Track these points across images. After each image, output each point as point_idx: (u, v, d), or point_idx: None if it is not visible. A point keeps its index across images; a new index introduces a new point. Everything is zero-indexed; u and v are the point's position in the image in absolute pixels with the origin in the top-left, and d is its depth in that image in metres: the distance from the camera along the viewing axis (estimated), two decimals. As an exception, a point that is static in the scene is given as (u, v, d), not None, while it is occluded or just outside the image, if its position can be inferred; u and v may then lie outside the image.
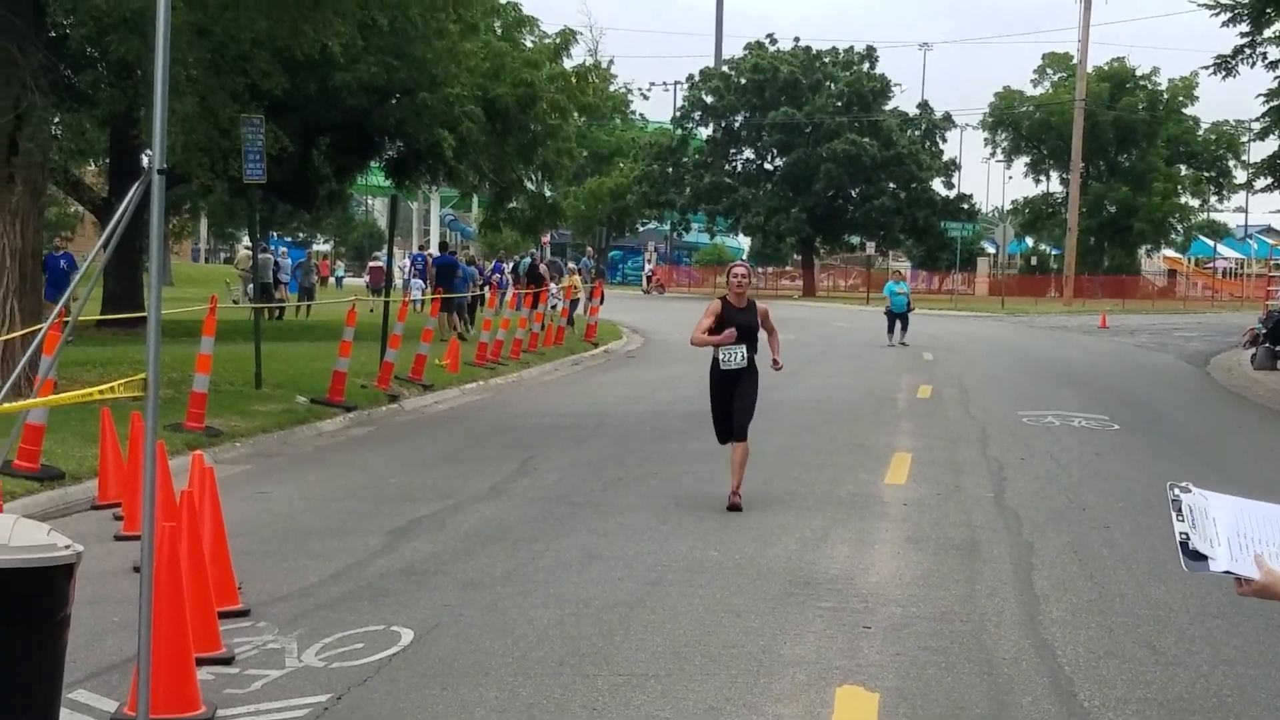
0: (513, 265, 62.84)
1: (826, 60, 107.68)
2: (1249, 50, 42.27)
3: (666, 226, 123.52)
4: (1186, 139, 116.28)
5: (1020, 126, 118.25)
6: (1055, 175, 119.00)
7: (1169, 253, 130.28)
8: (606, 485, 18.89)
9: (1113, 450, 23.60)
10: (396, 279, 53.77)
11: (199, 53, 26.83)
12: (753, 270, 76.03)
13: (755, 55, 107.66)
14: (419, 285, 52.31)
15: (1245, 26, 41.43)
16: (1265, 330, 42.84)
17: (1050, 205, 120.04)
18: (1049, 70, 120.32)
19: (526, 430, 24.82)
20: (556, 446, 22.57)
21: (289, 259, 65.40)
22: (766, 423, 21.46)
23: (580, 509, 17.11)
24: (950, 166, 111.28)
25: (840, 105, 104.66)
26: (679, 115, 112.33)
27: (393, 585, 13.01)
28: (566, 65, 52.12)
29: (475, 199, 75.10)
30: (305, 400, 25.52)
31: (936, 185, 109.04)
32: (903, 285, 51.02)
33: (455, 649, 10.94)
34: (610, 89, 64.54)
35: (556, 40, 52.52)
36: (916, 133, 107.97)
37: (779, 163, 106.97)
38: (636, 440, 23.28)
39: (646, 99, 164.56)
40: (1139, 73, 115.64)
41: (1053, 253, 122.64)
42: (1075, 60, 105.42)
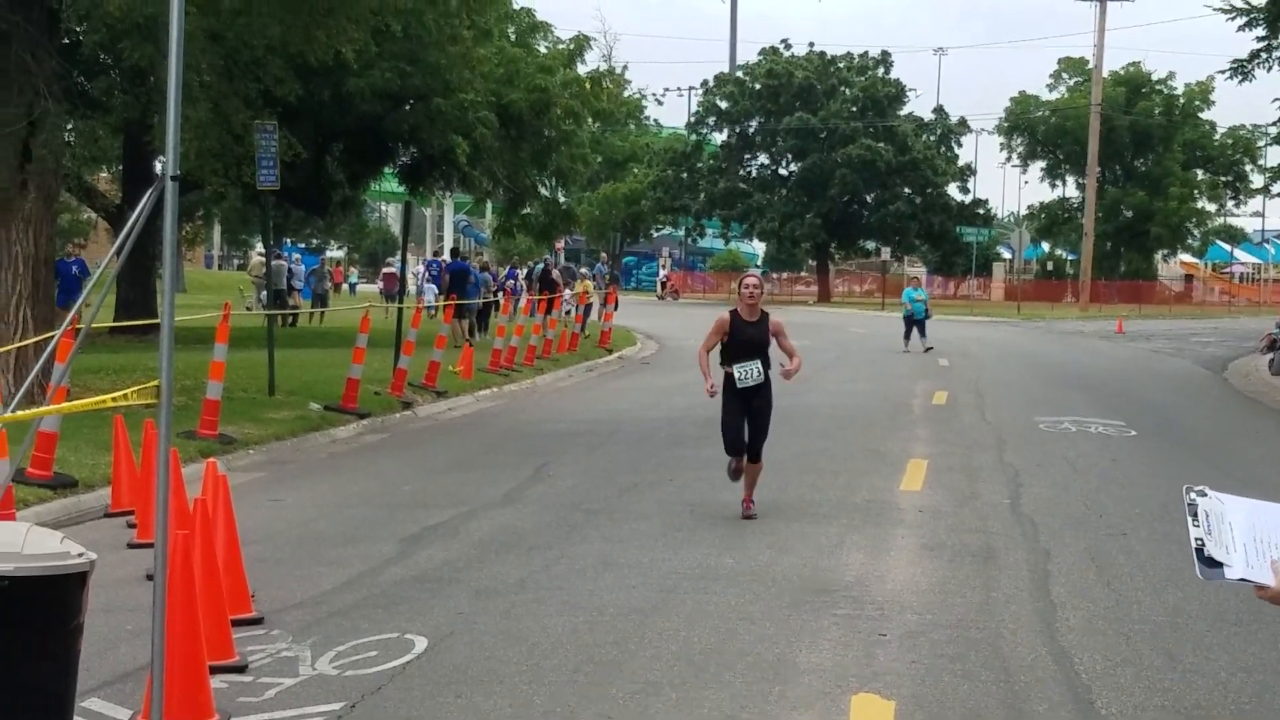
0: (526, 271, 62.89)
1: (841, 65, 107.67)
2: (1265, 54, 42.23)
3: (681, 232, 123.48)
4: (1203, 143, 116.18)
5: (1036, 131, 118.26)
6: (1071, 180, 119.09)
7: (1186, 258, 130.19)
8: (621, 492, 18.89)
9: (1129, 456, 23.57)
10: (410, 285, 53.76)
11: (212, 59, 26.86)
12: (767, 277, 76.00)
13: (770, 60, 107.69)
14: (432, 290, 52.32)
15: (1262, 30, 41.42)
16: (1283, 335, 42.80)
17: (1066, 210, 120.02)
18: (1065, 75, 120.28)
19: (540, 437, 24.82)
20: (571, 453, 22.57)
21: (302, 265, 65.52)
22: (781, 429, 21.43)
23: (595, 516, 17.11)
24: (966, 171, 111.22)
25: (855, 110, 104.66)
26: (693, 121, 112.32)
27: (406, 593, 13.01)
28: (580, 71, 52.12)
29: (489, 205, 75.06)
30: (319, 407, 25.53)
31: (952, 190, 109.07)
32: (921, 292, 51.00)
33: (469, 657, 10.94)
34: (624, 94, 64.47)
35: (570, 46, 52.53)
36: (932, 138, 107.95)
37: (794, 168, 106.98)
38: (651, 447, 23.27)
39: (661, 104, 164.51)
40: (1155, 77, 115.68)
41: (1069, 258, 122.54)
42: (1091, 65, 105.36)
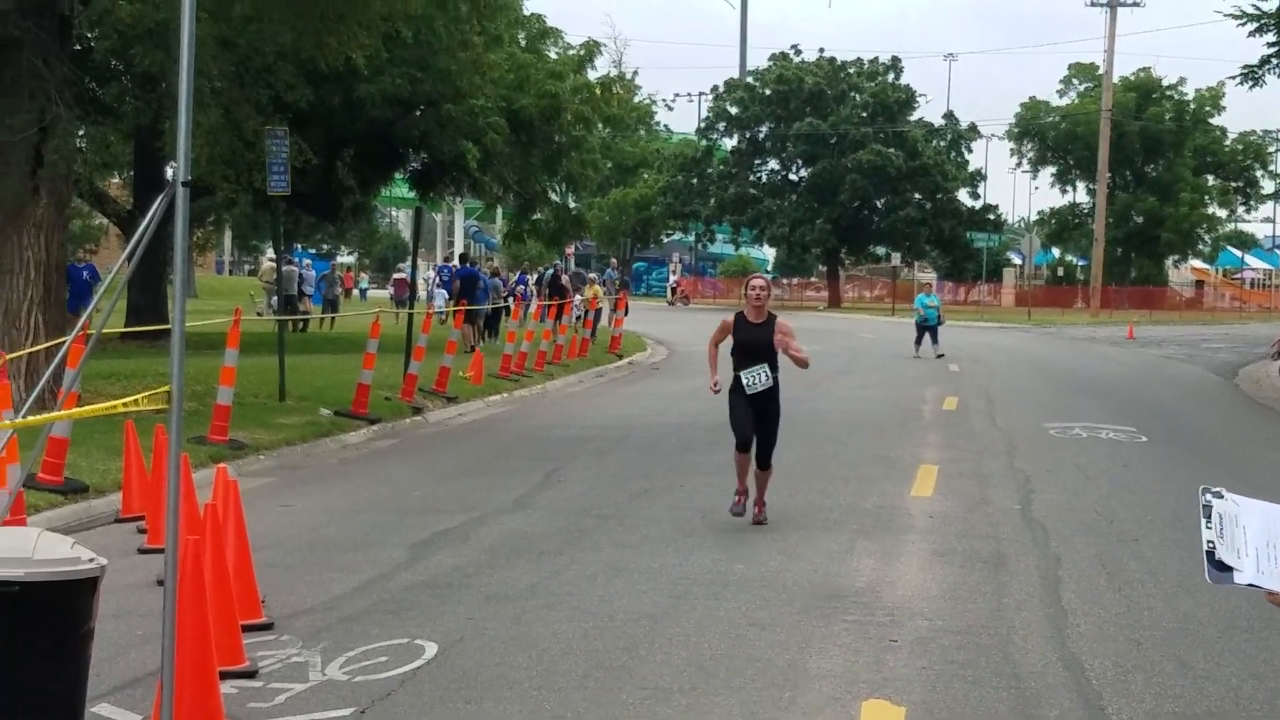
0: (537, 277, 62.93)
1: (851, 71, 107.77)
2: (1276, 60, 42.22)
3: (691, 238, 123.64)
4: (1213, 149, 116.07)
5: (1046, 137, 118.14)
6: (1081, 185, 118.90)
7: (1196, 263, 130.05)
8: (631, 498, 18.89)
9: (1140, 462, 23.56)
10: (421, 291, 53.79)
11: (223, 65, 26.90)
12: (775, 282, 75.82)
13: (780, 66, 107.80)
14: (443, 295, 52.35)
15: (1272, 36, 41.44)
16: (1294, 341, 42.81)
17: (1076, 216, 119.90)
18: (1075, 80, 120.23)
19: (551, 442, 24.83)
20: (581, 459, 22.57)
21: (313, 271, 65.66)
22: (792, 434, 21.44)
23: (605, 521, 17.11)
24: (976, 177, 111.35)
25: (865, 116, 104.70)
26: (703, 126, 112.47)
27: (416, 598, 13.01)
28: (591, 76, 52.16)
29: (499, 210, 75.10)
30: (329, 413, 25.55)
31: (962, 196, 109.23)
32: (934, 298, 50.99)
33: (479, 662, 10.94)
34: (634, 100, 64.52)
35: (581, 52, 52.57)
36: (942, 143, 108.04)
37: (804, 174, 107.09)
38: (661, 452, 23.27)
39: (671, 110, 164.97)
40: (1165, 83, 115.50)
41: (1079, 263, 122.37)
42: (1101, 70, 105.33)
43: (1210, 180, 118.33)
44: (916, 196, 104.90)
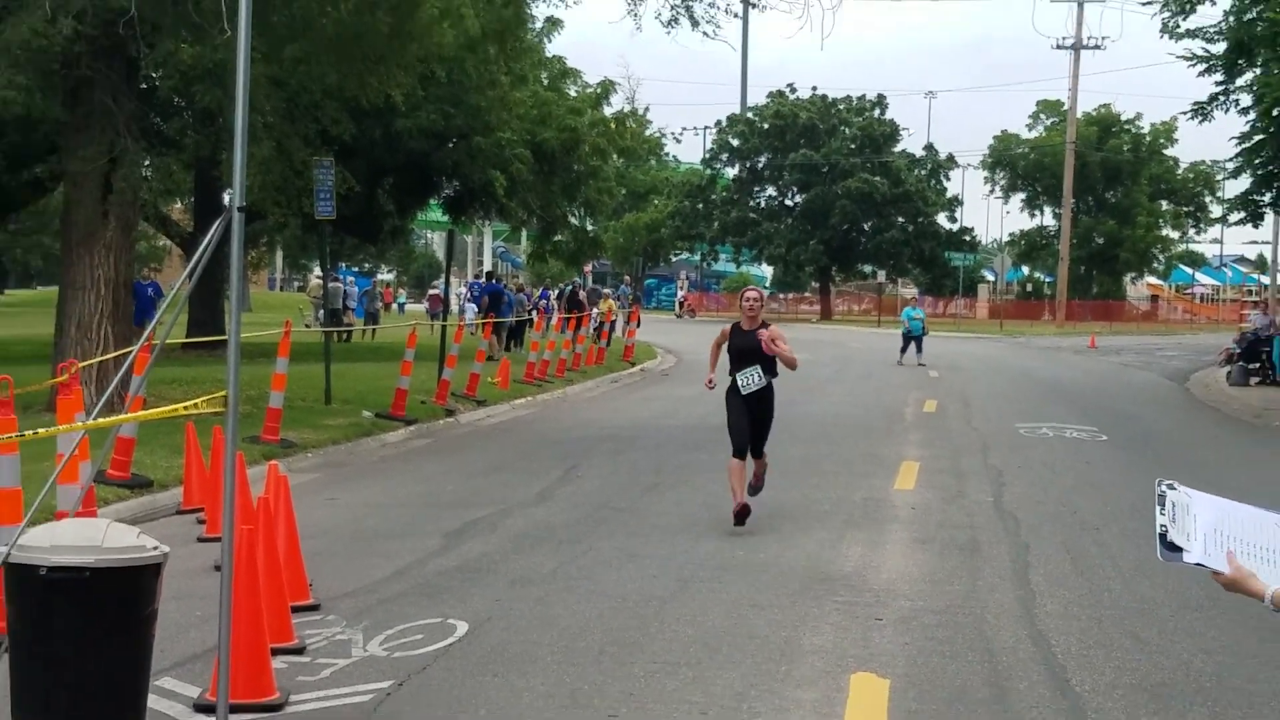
0: (558, 292, 62.93)
1: (841, 107, 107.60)
2: (1223, 97, 42.15)
3: (697, 257, 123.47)
4: (1167, 177, 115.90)
5: (1016, 166, 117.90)
6: (1048, 210, 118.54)
7: (1152, 280, 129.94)
8: (643, 492, 18.87)
9: (1102, 459, 23.53)
10: (453, 305, 53.81)
11: (275, 102, 26.96)
12: (772, 297, 75.63)
13: (777, 103, 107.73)
14: (473, 309, 52.33)
15: (1220, 76, 41.36)
16: (1239, 350, 42.81)
17: (1044, 237, 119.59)
18: (1042, 115, 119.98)
19: (570, 442, 24.79)
20: (597, 456, 22.55)
21: (356, 287, 65.54)
22: (788, 435, 21.43)
23: (619, 513, 17.09)
24: (953, 202, 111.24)
25: (854, 147, 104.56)
26: (708, 157, 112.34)
27: (449, 582, 13.00)
28: (606, 112, 52.18)
29: (524, 232, 75.10)
30: (370, 415, 25.52)
31: (941, 219, 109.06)
32: (919, 311, 50.97)
33: (505, 639, 10.93)
34: (646, 133, 64.47)
35: (597, 90, 52.61)
36: (923, 172, 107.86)
37: (798, 199, 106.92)
38: (670, 451, 23.24)
39: (679, 142, 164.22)
40: (1124, 118, 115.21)
41: (1046, 280, 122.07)
42: (1066, 106, 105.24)
43: (1164, 205, 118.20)
44: (900, 220, 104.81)
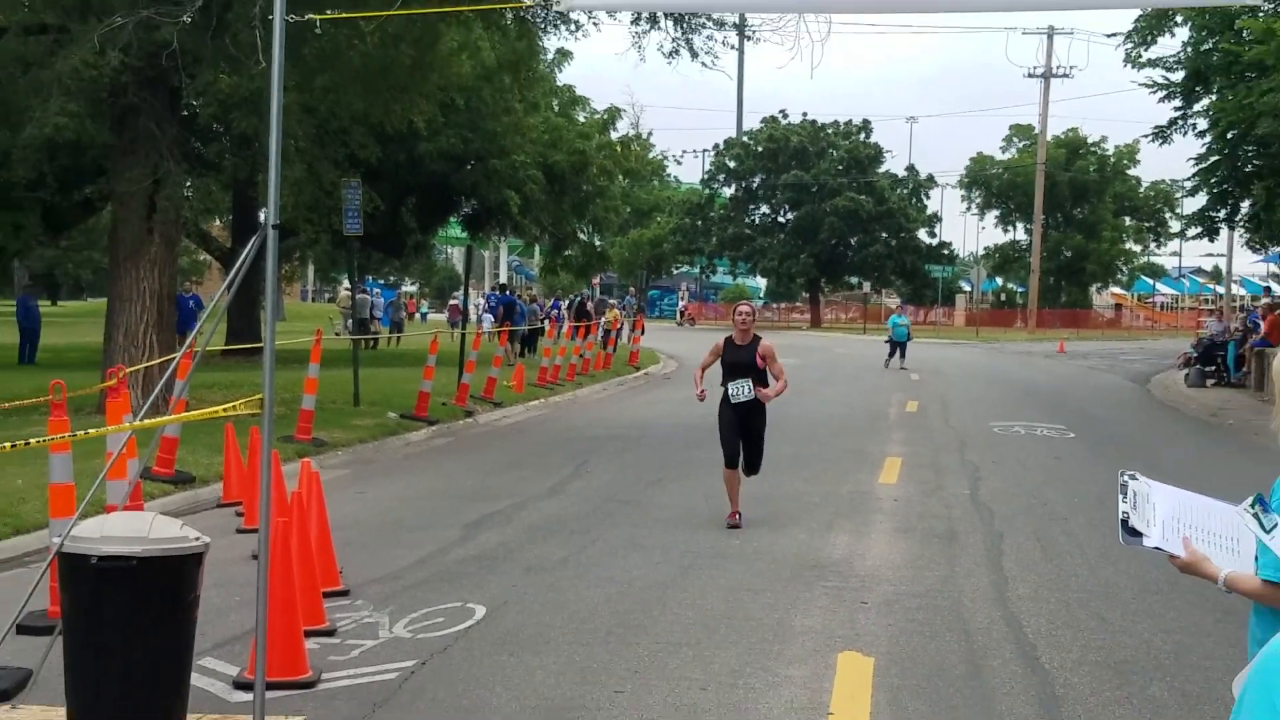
0: (568, 303, 62.94)
1: (829, 131, 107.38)
2: (1181, 122, 42.16)
3: (696, 270, 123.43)
4: (1130, 195, 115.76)
5: (991, 185, 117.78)
6: (1020, 226, 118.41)
7: (1116, 290, 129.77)
8: (647, 486, 18.89)
9: (1070, 456, 23.53)
10: (471, 314, 53.84)
11: (306, 128, 27.02)
12: (764, 305, 75.54)
13: (770, 128, 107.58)
14: (489, 319, 52.36)
15: (1178, 102, 41.39)
16: (1196, 354, 42.84)
17: (1016, 251, 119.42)
18: (1015, 139, 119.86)
19: (580, 441, 24.80)
20: (605, 454, 22.56)
21: (382, 298, 65.68)
22: (780, 434, 21.43)
23: (625, 506, 17.11)
24: (933, 219, 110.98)
25: (841, 168, 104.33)
26: (707, 177, 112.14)
27: (468, 569, 13.02)
28: (613, 136, 52.25)
29: (537, 248, 75.03)
30: (395, 416, 25.54)
31: (922, 235, 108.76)
32: (904, 319, 51.01)
33: (520, 622, 10.95)
34: (649, 156, 64.51)
35: (604, 116, 52.67)
36: (905, 191, 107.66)
37: (790, 216, 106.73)
38: (672, 449, 23.25)
39: (680, 164, 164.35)
40: (1090, 140, 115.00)
41: (1018, 290, 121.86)
42: (1037, 130, 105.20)
43: (1127, 221, 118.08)
44: (884, 235, 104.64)
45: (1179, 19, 38.88)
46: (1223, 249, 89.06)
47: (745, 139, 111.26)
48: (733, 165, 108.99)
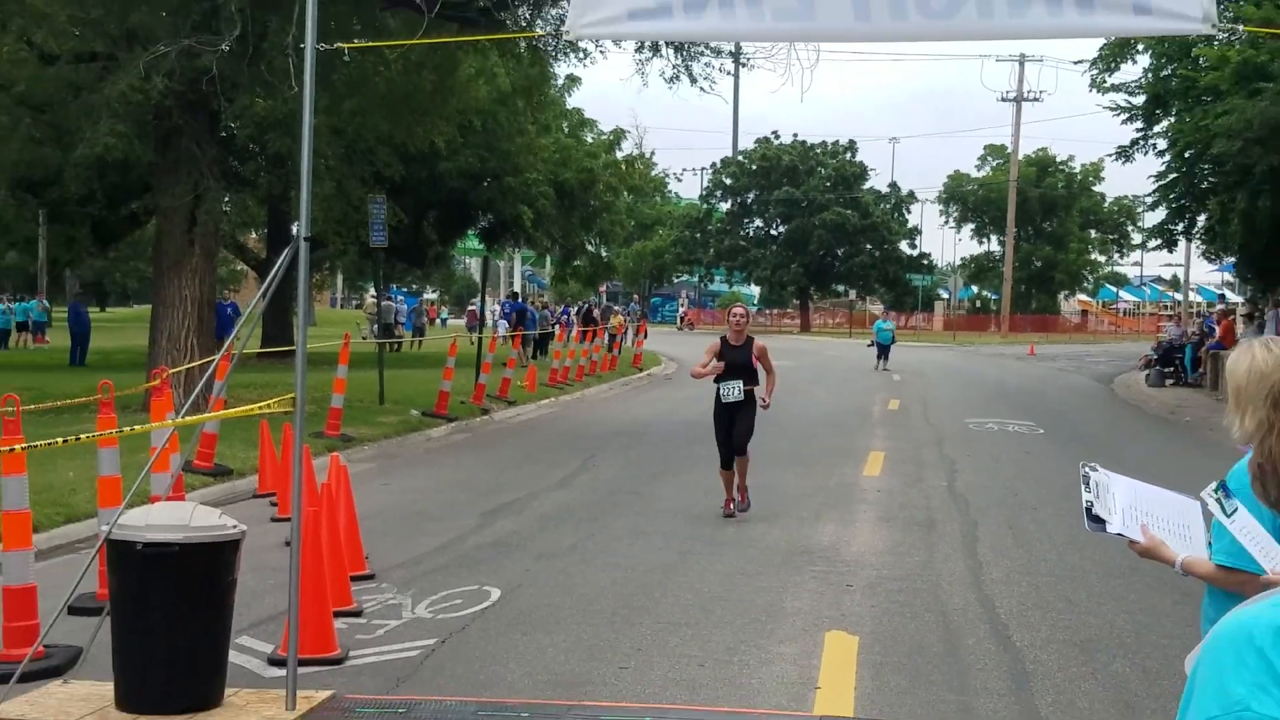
0: (577, 309, 62.97)
1: (818, 151, 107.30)
2: (1142, 142, 42.07)
3: (695, 279, 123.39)
4: (1095, 210, 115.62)
5: (967, 201, 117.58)
6: (994, 238, 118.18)
7: (1082, 297, 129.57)
8: (650, 479, 18.89)
9: (1039, 450, 23.53)
10: (488, 320, 53.81)
11: (335, 148, 27.06)
12: (758, 311, 75.53)
13: (763, 147, 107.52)
14: (504, 324, 52.37)
15: (1140, 124, 41.30)
16: (1156, 356, 42.87)
17: (990, 261, 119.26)
18: (989, 158, 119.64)
19: (588, 437, 24.80)
20: (611, 449, 22.56)
21: (405, 305, 65.63)
22: (774, 430, 21.46)
23: (629, 497, 17.12)
24: (914, 232, 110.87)
25: (829, 185, 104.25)
26: (705, 193, 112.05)
27: (485, 555, 13.03)
28: (618, 156, 52.32)
29: (548, 258, 75.12)
30: (418, 413, 25.54)
31: (903, 246, 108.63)
32: (889, 324, 51.02)
33: (533, 603, 10.96)
34: (651, 174, 64.57)
35: (610, 137, 52.81)
36: (888, 206, 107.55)
37: (781, 230, 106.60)
38: (673, 445, 23.24)
39: (680, 181, 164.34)
40: (1059, 159, 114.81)
41: (992, 297, 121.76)
42: (1009, 150, 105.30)
43: (1093, 233, 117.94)
44: (868, 247, 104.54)
45: (1140, 47, 38.80)
46: (1181, 259, 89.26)
47: (740, 158, 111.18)
48: (729, 182, 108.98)
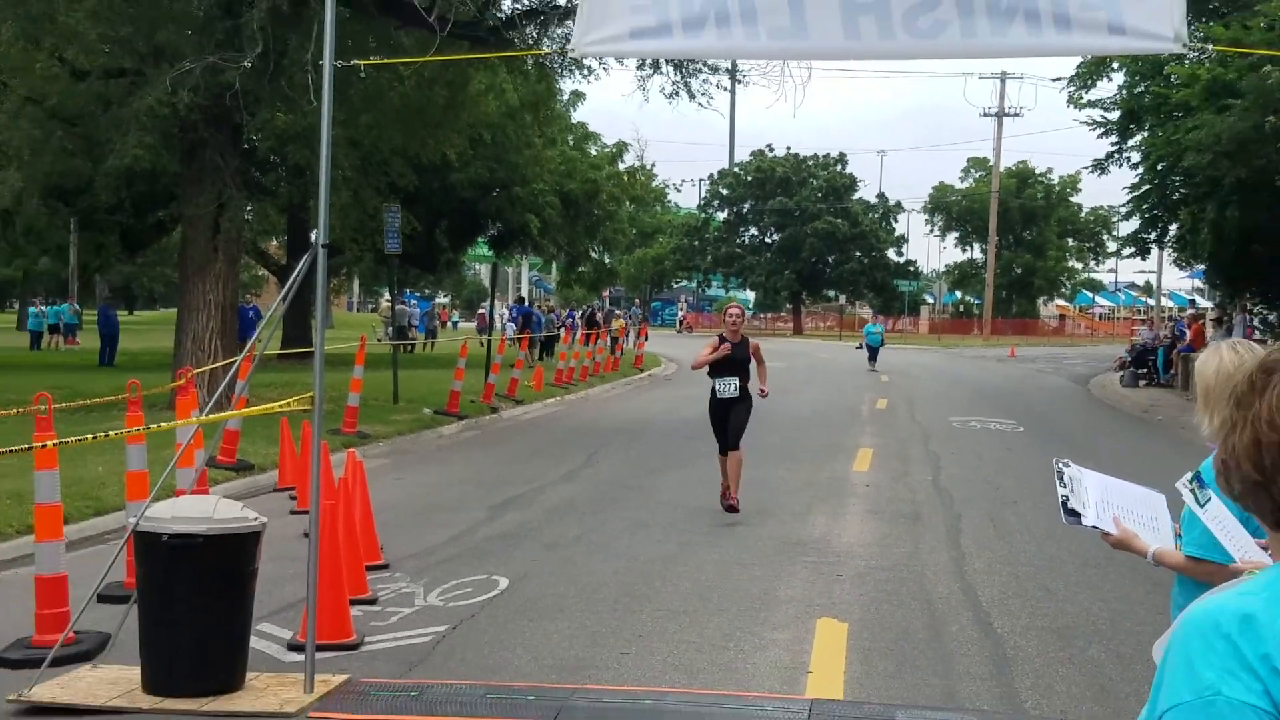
0: (581, 313, 63.00)
1: (810, 163, 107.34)
2: (1117, 155, 42.05)
3: (694, 284, 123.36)
4: (1072, 219, 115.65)
5: (951, 211, 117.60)
6: (977, 246, 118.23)
7: (1060, 302, 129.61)
8: (650, 474, 18.89)
9: (1019, 446, 23.52)
10: (496, 323, 53.82)
11: (352, 159, 27.10)
12: (752, 315, 75.47)
13: (758, 160, 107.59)
14: (512, 327, 52.39)
15: (1115, 138, 41.27)
16: (1130, 359, 42.87)
17: (973, 268, 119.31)
18: (972, 170, 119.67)
19: (592, 433, 24.80)
20: (614, 445, 22.56)
21: (418, 308, 65.54)
22: (767, 428, 21.46)
23: (631, 490, 17.11)
24: (901, 240, 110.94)
25: (820, 196, 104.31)
26: (703, 203, 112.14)
27: (493, 546, 13.03)
28: (621, 167, 52.32)
29: (554, 265, 75.19)
30: (430, 412, 25.53)
31: (891, 254, 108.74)
32: (879, 327, 51.07)
33: (539, 592, 10.95)
34: (652, 184, 64.61)
35: (613, 149, 52.88)
36: (876, 216, 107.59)
37: (775, 238, 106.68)
38: (673, 441, 23.23)
39: (679, 191, 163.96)
40: (1038, 171, 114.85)
41: (975, 302, 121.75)
42: (991, 163, 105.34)
43: (1070, 242, 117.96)
44: (857, 254, 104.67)
45: (1115, 65, 38.82)
46: (1153, 266, 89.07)
47: (736, 170, 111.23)
48: (725, 193, 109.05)
